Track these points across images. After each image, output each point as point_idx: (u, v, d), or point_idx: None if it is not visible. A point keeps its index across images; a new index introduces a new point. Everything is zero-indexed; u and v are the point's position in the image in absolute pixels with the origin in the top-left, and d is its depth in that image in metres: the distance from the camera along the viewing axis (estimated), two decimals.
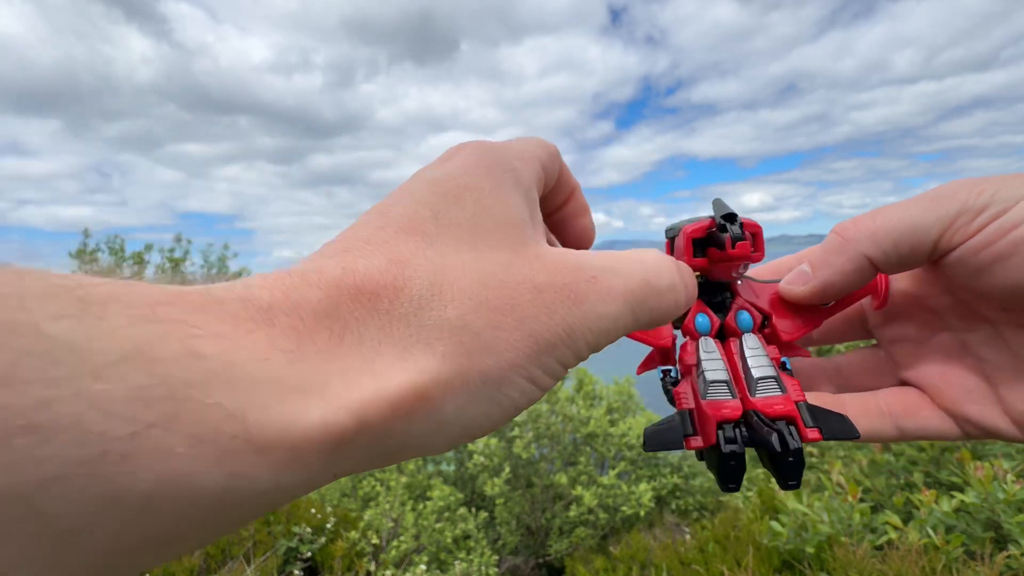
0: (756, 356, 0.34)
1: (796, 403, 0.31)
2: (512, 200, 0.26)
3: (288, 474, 0.17)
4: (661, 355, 0.38)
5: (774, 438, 0.28)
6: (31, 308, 0.14)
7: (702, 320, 0.36)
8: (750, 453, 0.30)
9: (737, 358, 0.34)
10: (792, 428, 0.29)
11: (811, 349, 0.39)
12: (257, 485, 0.16)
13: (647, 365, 0.38)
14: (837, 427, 0.30)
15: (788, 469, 0.28)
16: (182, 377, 0.15)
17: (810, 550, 2.09)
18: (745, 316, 0.36)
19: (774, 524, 2.29)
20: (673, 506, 5.87)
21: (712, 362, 0.34)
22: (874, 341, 0.40)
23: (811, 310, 0.36)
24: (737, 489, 0.30)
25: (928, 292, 0.35)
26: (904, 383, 0.37)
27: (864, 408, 0.35)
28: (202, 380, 0.15)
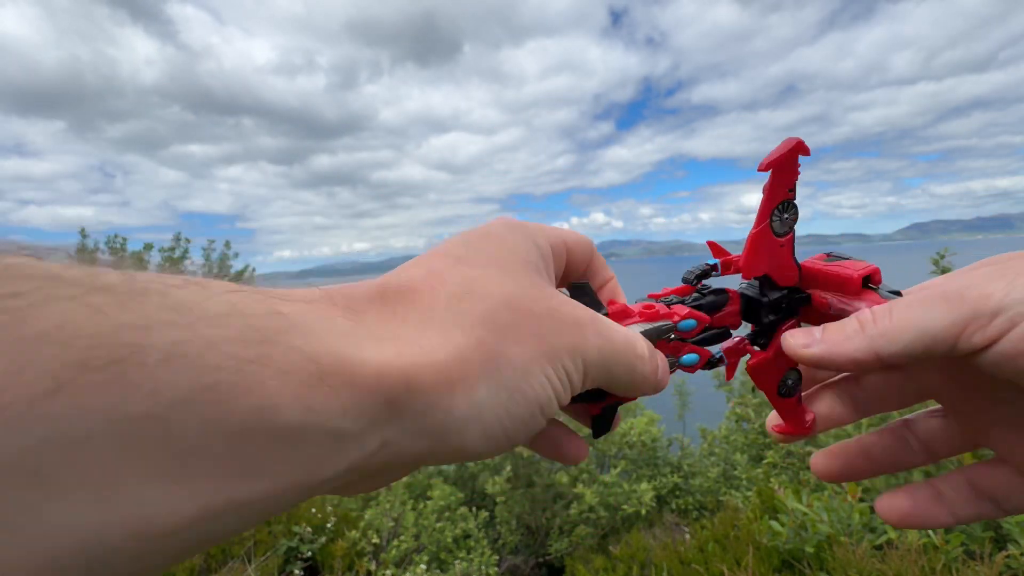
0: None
1: None
2: (528, 248, 0.31)
3: (349, 420, 0.20)
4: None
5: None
6: (156, 280, 0.18)
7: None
8: (751, 453, 0.31)
9: None
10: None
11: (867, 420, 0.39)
12: (326, 424, 0.19)
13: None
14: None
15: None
16: (271, 327, 0.19)
17: (810, 550, 2.09)
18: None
19: (774, 524, 2.29)
20: (673, 505, 5.88)
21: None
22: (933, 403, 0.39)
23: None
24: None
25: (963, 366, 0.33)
26: (980, 446, 0.36)
27: (960, 495, 0.35)
28: (285, 330, 0.20)
